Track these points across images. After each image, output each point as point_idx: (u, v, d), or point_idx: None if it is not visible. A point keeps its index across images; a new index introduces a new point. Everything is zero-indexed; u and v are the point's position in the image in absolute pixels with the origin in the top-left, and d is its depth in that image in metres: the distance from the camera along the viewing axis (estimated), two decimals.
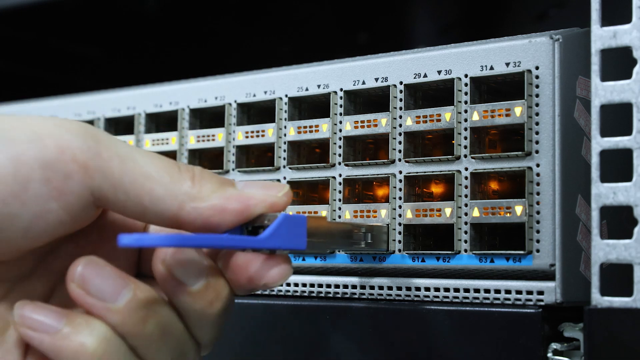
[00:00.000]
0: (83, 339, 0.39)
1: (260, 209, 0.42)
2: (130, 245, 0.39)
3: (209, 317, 0.41)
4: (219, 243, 0.41)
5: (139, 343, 0.40)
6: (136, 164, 0.40)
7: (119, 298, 0.40)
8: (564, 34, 0.47)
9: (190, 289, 0.41)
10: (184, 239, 0.39)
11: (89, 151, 0.39)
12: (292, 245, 0.43)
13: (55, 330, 0.39)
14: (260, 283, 0.42)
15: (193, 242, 0.40)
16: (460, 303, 0.49)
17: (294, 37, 0.85)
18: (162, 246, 0.40)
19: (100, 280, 0.40)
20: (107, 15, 0.82)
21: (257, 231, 0.42)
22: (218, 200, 0.41)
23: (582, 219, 0.47)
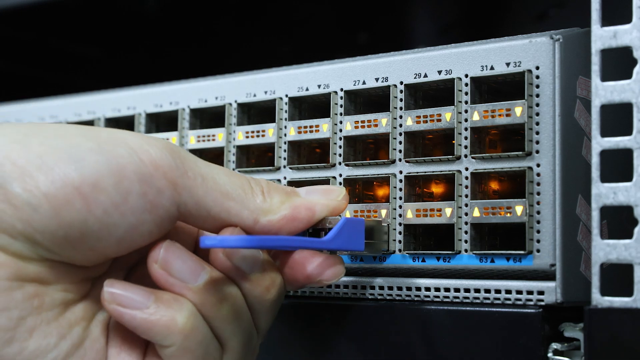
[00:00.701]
0: (173, 314, 0.42)
1: (324, 214, 0.46)
2: (213, 246, 0.42)
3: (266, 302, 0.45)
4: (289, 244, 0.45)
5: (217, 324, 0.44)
6: (216, 184, 0.43)
7: (198, 279, 0.43)
8: (564, 34, 0.47)
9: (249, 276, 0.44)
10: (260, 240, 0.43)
11: (177, 170, 0.42)
12: (351, 246, 0.47)
13: (146, 307, 0.42)
14: (317, 280, 0.46)
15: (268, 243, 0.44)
16: (460, 303, 0.49)
17: (294, 37, 0.85)
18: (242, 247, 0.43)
19: (181, 262, 0.43)
20: (107, 15, 0.82)
21: (319, 233, 0.47)
22: (287, 211, 0.45)
23: (583, 219, 0.47)
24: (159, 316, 0.42)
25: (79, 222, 0.40)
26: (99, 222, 0.40)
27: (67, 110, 0.66)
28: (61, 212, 0.40)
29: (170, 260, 0.43)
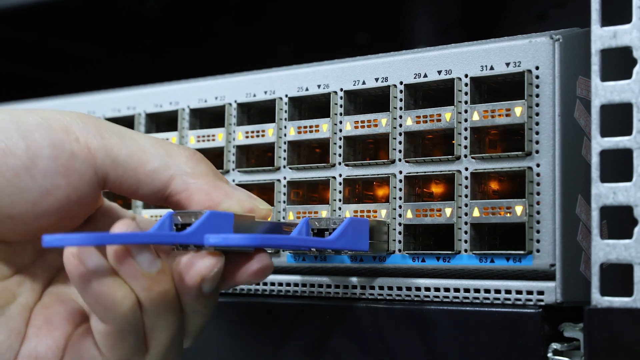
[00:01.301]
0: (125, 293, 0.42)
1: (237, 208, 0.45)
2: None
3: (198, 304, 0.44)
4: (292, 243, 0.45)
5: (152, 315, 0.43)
6: (133, 140, 0.44)
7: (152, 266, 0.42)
8: (564, 34, 0.47)
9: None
10: (263, 239, 0.43)
11: (90, 132, 0.43)
12: (355, 246, 0.47)
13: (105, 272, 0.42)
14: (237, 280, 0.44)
15: (269, 242, 0.44)
16: (460, 303, 0.49)
17: (294, 37, 0.85)
18: (244, 246, 0.43)
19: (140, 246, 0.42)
20: (107, 15, 0.82)
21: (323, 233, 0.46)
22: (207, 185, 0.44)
23: (582, 219, 0.47)
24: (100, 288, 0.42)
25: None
26: (11, 185, 0.42)
27: (67, 110, 0.66)
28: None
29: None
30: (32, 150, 0.42)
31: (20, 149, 0.42)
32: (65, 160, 0.43)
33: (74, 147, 0.43)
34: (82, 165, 0.43)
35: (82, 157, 0.43)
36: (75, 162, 0.43)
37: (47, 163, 0.42)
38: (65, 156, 0.43)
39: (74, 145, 0.43)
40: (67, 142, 0.43)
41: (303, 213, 0.53)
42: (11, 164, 0.42)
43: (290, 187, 0.55)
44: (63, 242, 0.41)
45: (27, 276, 0.46)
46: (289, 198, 0.55)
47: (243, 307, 0.55)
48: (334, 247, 0.46)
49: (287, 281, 0.55)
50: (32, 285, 0.46)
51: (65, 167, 0.43)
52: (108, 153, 0.44)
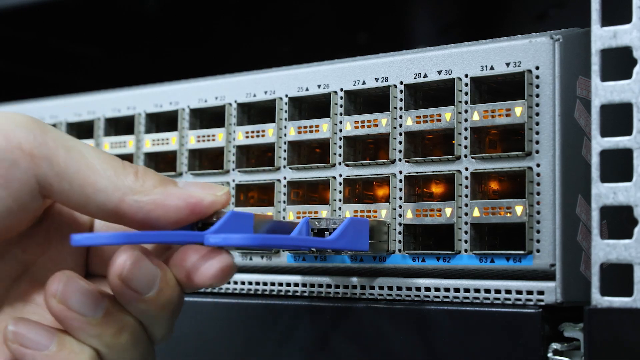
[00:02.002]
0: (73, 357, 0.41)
1: (201, 208, 0.43)
2: (217, 244, 0.41)
3: (163, 317, 0.43)
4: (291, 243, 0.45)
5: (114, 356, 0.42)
6: (81, 156, 0.41)
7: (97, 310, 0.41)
8: (564, 34, 0.47)
9: (145, 297, 0.41)
10: (264, 239, 0.42)
11: (35, 140, 0.40)
12: (356, 246, 0.47)
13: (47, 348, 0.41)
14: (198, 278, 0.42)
15: (271, 242, 0.44)
16: (460, 303, 0.49)
17: (294, 37, 0.85)
18: (246, 246, 0.42)
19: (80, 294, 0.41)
20: (107, 15, 0.82)
21: (323, 233, 0.46)
22: (159, 195, 0.42)
23: (582, 219, 0.47)
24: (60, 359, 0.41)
25: None
26: None
27: (67, 110, 0.66)
28: None
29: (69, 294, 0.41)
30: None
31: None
32: (5, 171, 0.40)
33: (15, 155, 0.40)
34: (23, 175, 0.40)
35: (24, 167, 0.40)
36: (16, 171, 0.40)
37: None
38: (4, 165, 0.40)
39: (15, 154, 0.40)
40: (7, 150, 0.40)
41: (303, 213, 0.53)
42: None
43: (290, 187, 0.55)
44: (93, 240, 0.41)
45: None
46: (289, 198, 0.55)
47: (243, 307, 0.55)
48: (334, 247, 0.47)
49: (287, 281, 0.55)
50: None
51: (5, 178, 0.40)
52: (52, 165, 0.41)
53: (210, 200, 0.43)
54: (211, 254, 0.42)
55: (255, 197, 0.58)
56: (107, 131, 0.64)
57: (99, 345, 0.42)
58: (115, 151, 0.63)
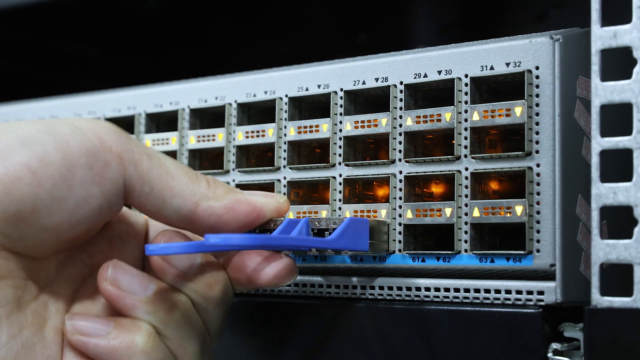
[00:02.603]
0: (133, 337, 0.44)
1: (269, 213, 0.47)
2: (217, 244, 0.43)
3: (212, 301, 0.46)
4: (291, 243, 0.46)
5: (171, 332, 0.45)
6: (161, 163, 0.45)
7: (147, 290, 0.45)
8: (564, 34, 0.47)
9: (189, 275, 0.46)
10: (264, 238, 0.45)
11: (123, 145, 0.44)
12: (356, 246, 0.48)
13: (107, 333, 0.44)
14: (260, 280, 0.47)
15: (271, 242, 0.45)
16: (460, 303, 0.49)
17: (294, 37, 0.85)
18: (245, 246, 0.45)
19: (129, 276, 0.45)
20: (107, 15, 0.82)
21: (322, 234, 0.47)
22: (230, 201, 0.46)
23: (582, 219, 0.47)
24: (120, 340, 0.44)
25: (29, 196, 0.41)
26: (49, 196, 0.42)
27: (67, 110, 0.66)
28: (12, 189, 0.41)
29: (119, 276, 0.45)
30: (69, 160, 0.42)
31: (58, 159, 0.42)
32: (100, 169, 0.43)
33: (108, 156, 0.43)
34: (114, 175, 0.43)
35: (115, 167, 0.43)
36: (109, 171, 0.43)
37: (83, 172, 0.43)
38: (99, 165, 0.43)
39: (109, 156, 0.43)
40: (102, 151, 0.43)
41: (303, 213, 0.53)
42: (49, 175, 0.42)
43: (290, 187, 0.55)
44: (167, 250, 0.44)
45: (51, 295, 0.45)
46: (289, 198, 0.55)
47: (243, 307, 0.55)
48: (334, 247, 0.47)
49: None
50: (57, 306, 0.45)
51: (99, 176, 0.43)
52: (137, 168, 0.44)
53: (274, 207, 0.47)
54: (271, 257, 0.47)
55: None
56: None
57: (154, 321, 0.45)
58: None
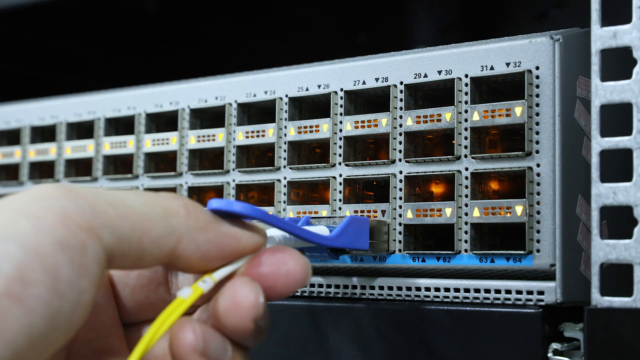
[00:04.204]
0: None
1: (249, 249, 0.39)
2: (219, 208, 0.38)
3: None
4: (294, 231, 0.42)
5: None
6: (128, 207, 0.37)
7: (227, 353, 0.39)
8: (564, 34, 0.47)
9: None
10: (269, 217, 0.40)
11: (85, 211, 0.35)
12: (356, 245, 0.47)
13: None
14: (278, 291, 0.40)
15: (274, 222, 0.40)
16: (460, 303, 0.49)
17: (294, 37, 0.85)
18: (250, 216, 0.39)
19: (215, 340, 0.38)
20: (107, 15, 0.82)
21: None
22: (215, 235, 0.38)
23: (582, 219, 0.47)
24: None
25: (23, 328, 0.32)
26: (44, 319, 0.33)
27: (67, 110, 0.66)
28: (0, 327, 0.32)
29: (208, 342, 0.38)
30: (48, 265, 0.33)
31: (36, 269, 0.33)
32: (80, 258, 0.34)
33: (81, 237, 0.34)
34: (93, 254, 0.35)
35: (91, 245, 0.34)
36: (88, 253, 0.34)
37: (67, 271, 0.34)
38: (78, 253, 0.34)
39: (80, 235, 0.34)
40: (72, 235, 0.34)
41: (303, 213, 0.53)
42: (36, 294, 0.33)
43: (290, 187, 0.55)
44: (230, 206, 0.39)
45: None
46: (289, 198, 0.55)
47: None
48: (335, 245, 0.46)
49: None
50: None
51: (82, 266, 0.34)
52: (111, 230, 0.35)
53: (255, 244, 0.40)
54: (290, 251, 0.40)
55: (255, 197, 0.58)
56: (107, 131, 0.64)
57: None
58: (115, 151, 0.63)
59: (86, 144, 0.65)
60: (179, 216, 0.38)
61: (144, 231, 0.36)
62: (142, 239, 0.36)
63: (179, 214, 0.38)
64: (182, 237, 0.37)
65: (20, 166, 0.68)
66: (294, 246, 0.43)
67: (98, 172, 0.64)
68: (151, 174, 0.61)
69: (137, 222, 0.36)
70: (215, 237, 0.38)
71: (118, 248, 0.36)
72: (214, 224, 0.38)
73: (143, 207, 0.37)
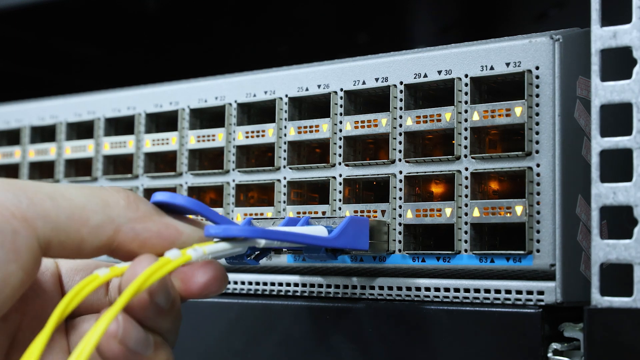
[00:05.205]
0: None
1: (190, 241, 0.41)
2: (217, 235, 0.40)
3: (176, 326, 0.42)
4: (291, 238, 0.44)
5: None
6: (66, 199, 0.39)
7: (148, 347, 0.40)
8: (564, 34, 0.47)
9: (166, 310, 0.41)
10: (264, 232, 0.42)
11: (22, 202, 0.38)
12: (356, 245, 0.47)
13: None
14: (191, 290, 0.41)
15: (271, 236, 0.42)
16: (460, 303, 0.49)
17: (294, 37, 0.85)
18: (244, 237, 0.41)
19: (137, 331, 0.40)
20: (107, 15, 0.82)
21: None
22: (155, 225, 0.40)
23: (582, 219, 0.47)
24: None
25: None
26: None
27: (67, 110, 0.66)
28: None
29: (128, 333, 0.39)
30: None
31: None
32: (11, 244, 0.37)
33: (14, 224, 0.37)
34: (26, 241, 0.37)
35: (24, 233, 0.37)
36: (19, 240, 0.37)
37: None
38: (9, 239, 0.37)
39: (13, 223, 0.37)
40: (5, 221, 0.37)
41: (303, 213, 0.53)
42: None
43: (290, 187, 0.55)
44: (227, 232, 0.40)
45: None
46: (289, 198, 0.55)
47: (243, 307, 0.55)
48: (335, 246, 0.46)
49: (287, 281, 0.55)
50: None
51: (13, 251, 0.37)
52: (47, 220, 0.38)
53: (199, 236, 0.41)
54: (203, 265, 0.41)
55: (255, 197, 0.58)
56: (107, 131, 0.64)
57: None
58: (115, 151, 0.63)
59: (86, 144, 0.65)
60: (118, 207, 0.40)
61: (82, 221, 0.39)
62: (79, 229, 0.39)
63: (118, 205, 0.40)
64: (120, 226, 0.40)
65: (20, 166, 0.68)
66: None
67: (98, 172, 0.64)
68: (151, 174, 0.61)
69: (74, 213, 0.39)
70: (155, 227, 0.40)
71: (55, 237, 0.38)
72: (154, 215, 0.41)
73: (82, 198, 0.39)
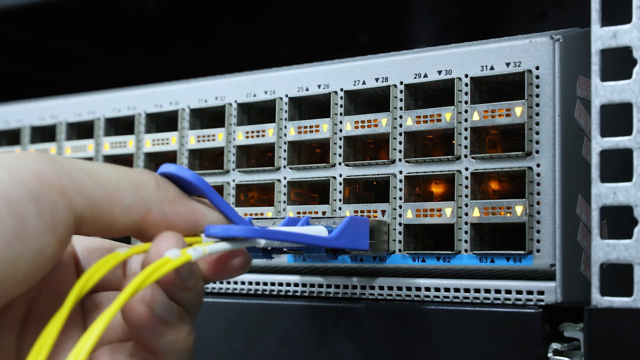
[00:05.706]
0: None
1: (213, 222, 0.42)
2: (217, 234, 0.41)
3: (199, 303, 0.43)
4: (292, 239, 0.44)
5: None
6: (102, 176, 0.39)
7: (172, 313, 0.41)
8: (564, 34, 0.47)
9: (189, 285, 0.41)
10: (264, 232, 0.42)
11: (61, 175, 0.38)
12: (356, 245, 0.47)
13: None
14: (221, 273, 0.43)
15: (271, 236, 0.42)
16: (460, 303, 0.49)
17: (294, 37, 0.85)
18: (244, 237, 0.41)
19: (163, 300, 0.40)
20: (108, 15, 0.82)
21: None
22: (183, 209, 0.41)
23: (582, 219, 0.47)
24: None
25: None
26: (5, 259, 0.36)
27: (67, 110, 0.66)
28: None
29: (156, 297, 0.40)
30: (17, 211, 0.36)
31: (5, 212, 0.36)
32: (50, 214, 0.37)
33: (53, 195, 0.37)
34: (64, 214, 0.37)
35: (62, 205, 0.37)
36: (58, 212, 0.37)
37: (35, 222, 0.36)
38: (48, 209, 0.37)
39: (53, 195, 0.37)
40: (45, 192, 0.37)
41: (303, 213, 0.53)
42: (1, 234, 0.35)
43: (290, 187, 0.55)
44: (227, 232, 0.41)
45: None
46: (289, 198, 0.55)
47: (243, 307, 0.55)
48: (335, 246, 0.46)
49: (287, 281, 0.55)
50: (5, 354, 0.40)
51: (51, 222, 0.37)
52: (83, 194, 0.38)
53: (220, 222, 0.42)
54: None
55: (255, 197, 0.58)
56: (107, 131, 0.64)
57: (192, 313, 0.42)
58: (115, 151, 0.63)
59: (86, 144, 0.65)
60: (149, 188, 0.40)
61: (115, 200, 0.39)
62: (112, 208, 0.39)
63: (149, 187, 0.40)
64: (151, 208, 0.40)
65: None
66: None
67: None
68: None
69: (109, 191, 0.39)
70: (183, 210, 0.41)
71: (89, 213, 0.38)
72: (182, 198, 0.41)
73: (115, 177, 0.40)
